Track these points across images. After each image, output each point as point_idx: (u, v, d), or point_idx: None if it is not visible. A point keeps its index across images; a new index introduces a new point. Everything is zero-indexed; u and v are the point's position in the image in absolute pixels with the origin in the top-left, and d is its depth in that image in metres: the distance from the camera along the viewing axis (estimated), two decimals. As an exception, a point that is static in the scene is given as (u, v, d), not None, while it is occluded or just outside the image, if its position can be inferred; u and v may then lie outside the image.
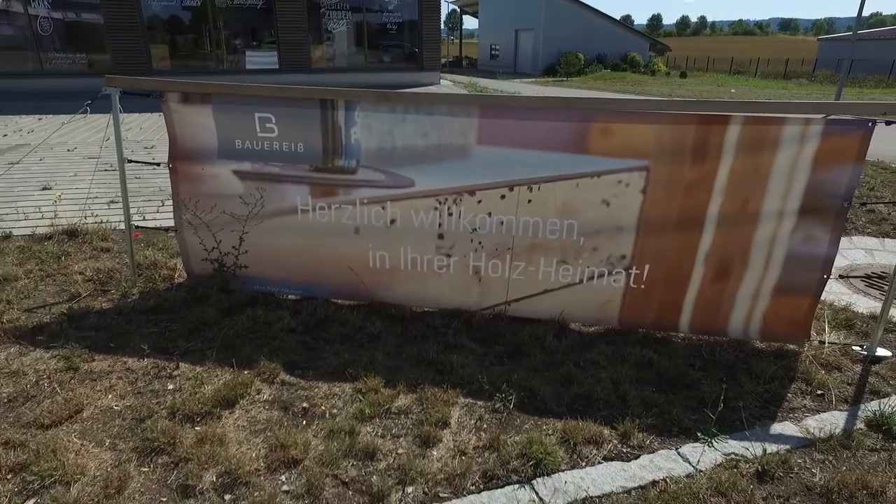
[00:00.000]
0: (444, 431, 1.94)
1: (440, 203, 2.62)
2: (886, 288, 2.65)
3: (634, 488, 1.72)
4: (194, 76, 15.04)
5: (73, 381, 2.14)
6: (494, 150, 2.52)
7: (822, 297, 3.08)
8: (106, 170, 5.73)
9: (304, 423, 1.96)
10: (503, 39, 43.37)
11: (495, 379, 2.21)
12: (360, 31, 16.41)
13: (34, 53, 14.28)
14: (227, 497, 1.64)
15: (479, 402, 2.10)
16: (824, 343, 2.57)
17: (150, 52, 14.91)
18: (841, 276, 3.53)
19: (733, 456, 1.85)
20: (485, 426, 1.98)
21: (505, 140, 2.50)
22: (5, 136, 8.11)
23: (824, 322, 2.76)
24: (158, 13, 14.86)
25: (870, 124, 2.24)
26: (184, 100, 2.69)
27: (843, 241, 4.15)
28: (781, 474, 1.77)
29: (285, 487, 1.68)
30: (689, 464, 1.83)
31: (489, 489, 1.71)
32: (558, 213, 2.54)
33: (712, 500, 1.66)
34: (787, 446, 1.91)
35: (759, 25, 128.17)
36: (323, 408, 2.03)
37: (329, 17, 16.00)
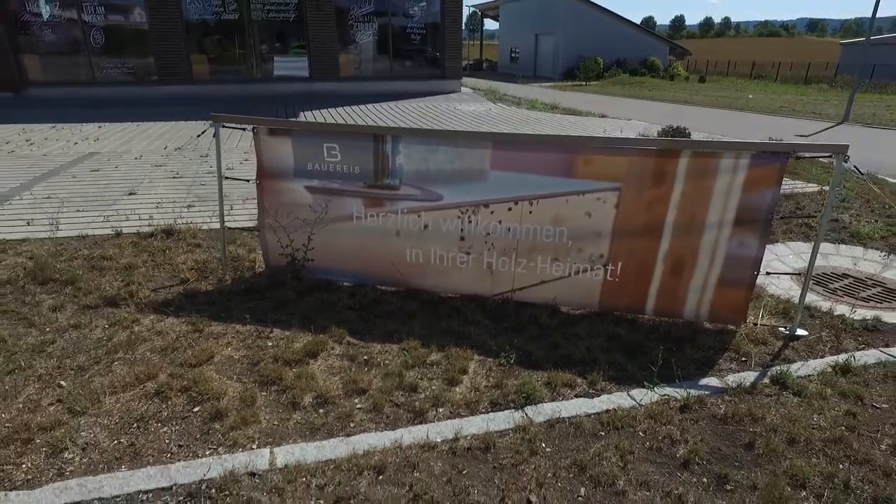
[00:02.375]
0: (464, 376, 2.76)
1: (462, 213, 3.45)
2: (808, 280, 3.38)
3: (593, 413, 2.52)
4: (229, 84, 16.14)
5: (200, 338, 3.01)
6: (504, 174, 3.33)
7: (772, 291, 3.85)
8: (174, 177, 6.67)
9: (367, 368, 2.80)
10: (523, 43, 43.95)
11: (501, 344, 3.02)
12: (386, 41, 17.31)
13: (87, 63, 15.48)
14: (321, 410, 2.48)
15: (489, 359, 2.91)
16: (757, 324, 3.33)
17: (190, 62, 16.01)
18: (794, 275, 4.26)
19: (666, 396, 2.63)
20: (492, 374, 2.79)
21: (512, 166, 3.31)
22: (76, 144, 9.14)
23: (761, 308, 3.51)
24: (199, 26, 15.96)
25: (785, 157, 3.00)
26: (270, 133, 3.56)
27: (804, 246, 4.87)
28: (697, 407, 2.55)
29: (358, 406, 2.52)
30: (635, 401, 2.62)
31: (494, 411, 2.52)
32: (552, 222, 3.34)
33: (644, 420, 2.45)
34: (707, 392, 2.68)
35: (785, 27, 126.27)
36: (378, 359, 2.87)
37: (356, 29, 16.94)
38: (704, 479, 2.11)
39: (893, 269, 4.46)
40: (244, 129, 3.61)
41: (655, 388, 2.70)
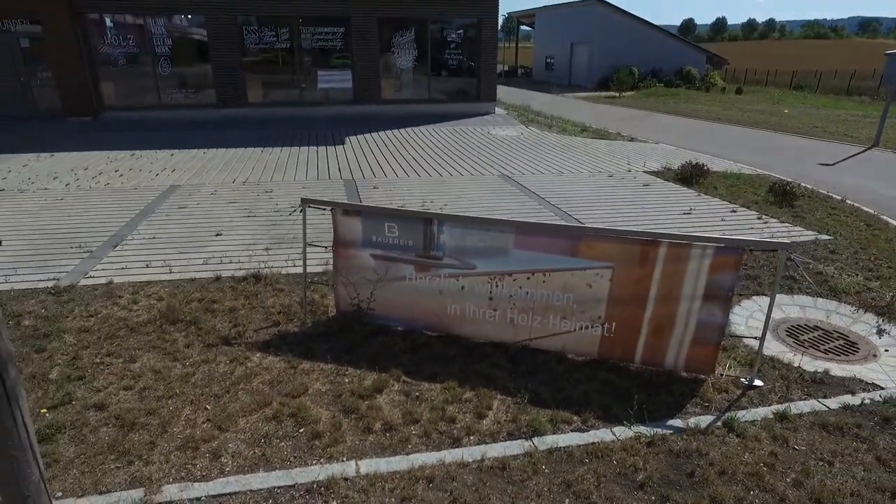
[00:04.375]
0: (489, 412, 3.75)
1: (491, 279, 4.43)
2: (761, 334, 4.22)
3: (583, 444, 3.47)
4: (279, 107, 17.49)
5: (296, 374, 4.10)
6: (524, 252, 4.30)
7: (748, 342, 4.69)
8: (248, 216, 7.86)
9: (418, 403, 3.82)
10: (558, 51, 44.43)
11: (518, 386, 4.00)
12: (424, 66, 18.40)
13: (154, 89, 17.09)
14: (387, 434, 3.51)
15: (508, 398, 3.89)
16: (723, 375, 4.21)
17: (246, 88, 17.44)
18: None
19: (639, 433, 3.56)
20: (510, 410, 3.77)
21: (530, 247, 4.28)
22: (157, 175, 10.50)
23: (729, 360, 4.38)
24: (255, 55, 17.36)
25: (741, 251, 3.88)
26: (345, 213, 4.63)
27: (785, 298, 5.66)
28: (660, 442, 3.47)
29: (413, 432, 3.54)
30: (615, 436, 3.56)
31: (510, 440, 3.50)
32: (561, 290, 4.30)
33: (619, 452, 3.39)
34: (671, 431, 3.60)
35: (834, 28, 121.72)
36: (427, 396, 3.89)
37: (397, 55, 18.08)
38: (653, 497, 3.05)
39: (860, 324, 5.22)
40: (324, 209, 4.68)
41: (632, 427, 3.63)
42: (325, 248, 5.10)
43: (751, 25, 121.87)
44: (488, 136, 15.29)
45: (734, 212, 8.39)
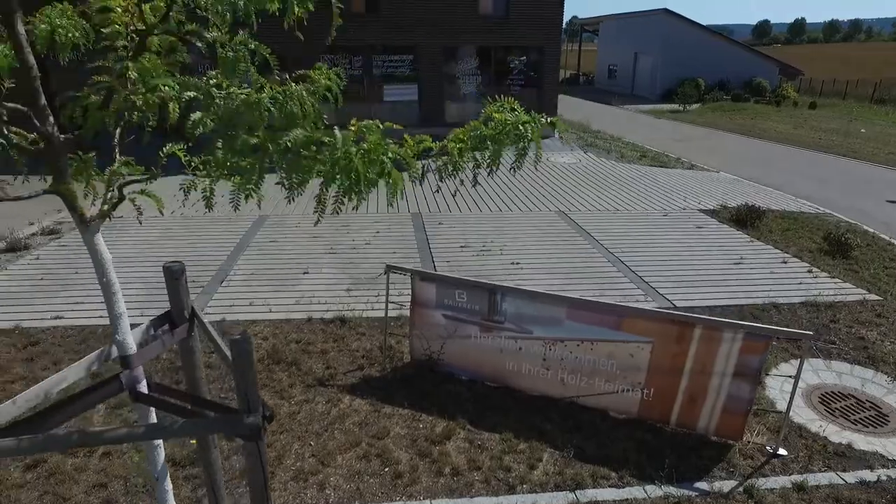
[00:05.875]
0: (539, 463, 4.48)
1: (545, 343, 5.15)
2: (790, 402, 4.71)
3: (618, 500, 4.14)
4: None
5: (380, 417, 4.97)
6: (575, 323, 4.99)
7: (780, 406, 5.18)
8: (329, 252, 8.90)
9: (480, 451, 4.60)
10: (622, 59, 44.01)
11: (565, 441, 4.70)
12: (488, 91, 19.12)
13: (240, 111, 18.70)
14: (455, 478, 4.31)
15: (556, 452, 4.60)
16: (749, 442, 4.74)
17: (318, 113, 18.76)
18: (804, 394, 5.51)
19: (668, 493, 4.19)
20: (558, 463, 4.48)
21: (580, 319, 4.97)
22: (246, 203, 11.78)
23: (759, 426, 4.89)
24: (330, 80, 18.64)
25: (769, 338, 4.42)
26: (422, 279, 5.48)
27: (821, 364, 6.03)
28: (685, 503, 4.09)
29: (476, 478, 4.32)
30: (646, 493, 4.21)
31: (556, 491, 4.22)
32: (607, 357, 4.96)
33: (649, 509, 4.05)
34: (696, 493, 4.20)
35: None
36: (487, 445, 4.67)
37: (462, 81, 18.92)
38: (674, 553, 3.69)
39: (894, 395, 5.55)
40: (403, 274, 5.53)
41: (662, 487, 4.26)
42: (401, 305, 5.97)
43: (833, 26, 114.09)
44: (547, 163, 15.85)
45: (785, 262, 8.65)
